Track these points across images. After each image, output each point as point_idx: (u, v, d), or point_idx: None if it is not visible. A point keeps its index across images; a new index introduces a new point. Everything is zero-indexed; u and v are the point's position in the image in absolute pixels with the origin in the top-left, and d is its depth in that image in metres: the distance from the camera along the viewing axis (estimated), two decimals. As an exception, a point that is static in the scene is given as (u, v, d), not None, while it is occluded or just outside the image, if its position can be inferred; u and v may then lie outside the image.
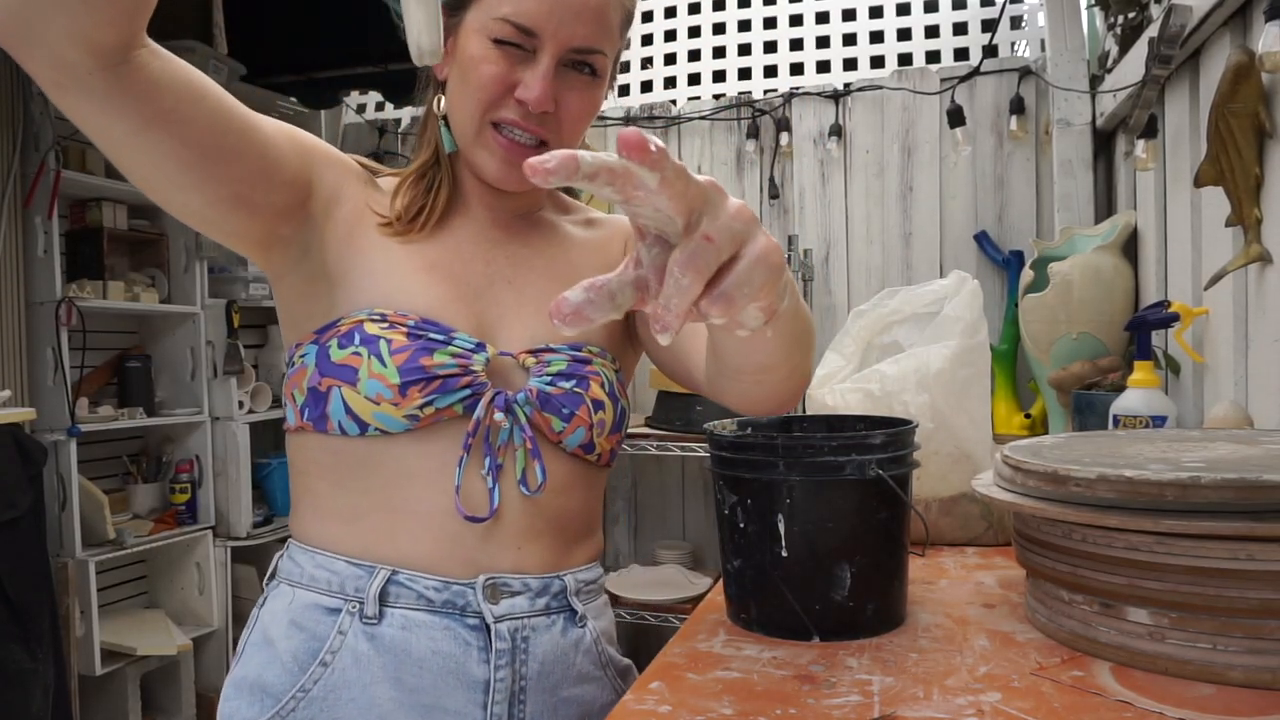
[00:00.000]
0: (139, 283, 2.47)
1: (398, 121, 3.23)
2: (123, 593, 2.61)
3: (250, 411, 2.70)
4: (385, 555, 0.75)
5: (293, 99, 3.03)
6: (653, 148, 0.40)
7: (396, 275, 0.79)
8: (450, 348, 0.76)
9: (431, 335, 0.76)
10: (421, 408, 0.74)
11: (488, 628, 0.75)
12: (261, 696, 0.74)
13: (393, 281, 0.78)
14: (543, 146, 0.79)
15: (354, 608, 0.74)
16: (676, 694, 0.72)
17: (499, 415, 0.77)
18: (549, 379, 0.80)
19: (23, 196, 2.21)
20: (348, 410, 0.74)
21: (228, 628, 2.60)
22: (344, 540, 0.76)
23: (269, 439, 3.07)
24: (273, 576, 0.81)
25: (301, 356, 0.78)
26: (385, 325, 0.75)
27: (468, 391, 0.76)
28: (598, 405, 0.81)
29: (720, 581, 0.96)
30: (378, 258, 0.79)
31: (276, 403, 2.88)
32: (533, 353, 0.81)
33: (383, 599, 0.74)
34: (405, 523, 0.76)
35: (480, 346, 0.78)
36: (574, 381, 0.80)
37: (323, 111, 3.09)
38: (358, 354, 0.74)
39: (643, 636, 2.66)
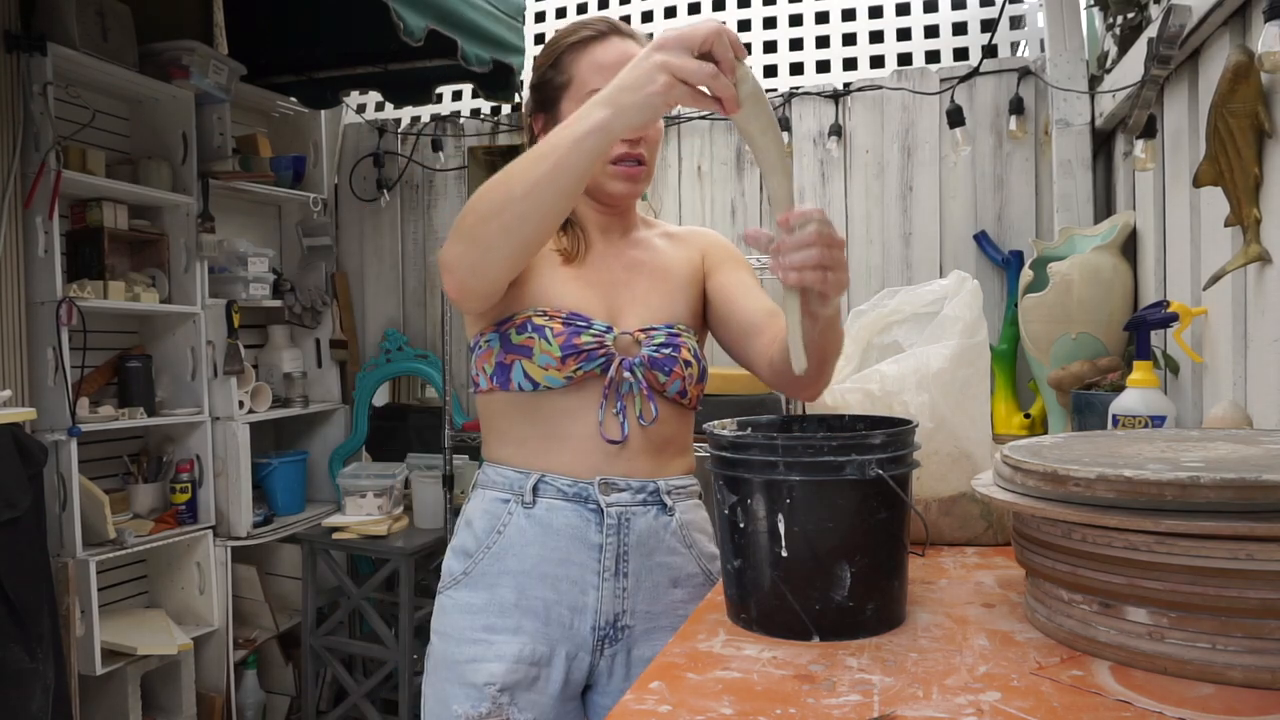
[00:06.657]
0: (139, 283, 2.46)
1: (397, 121, 3.23)
2: (123, 592, 2.60)
3: (250, 411, 2.70)
4: (539, 465, 1.12)
5: (293, 99, 3.03)
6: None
7: (554, 285, 1.14)
8: (590, 331, 1.11)
9: (578, 323, 1.11)
10: (575, 370, 1.10)
11: (601, 510, 1.10)
12: (463, 556, 1.15)
13: (552, 289, 1.14)
14: (642, 164, 1.16)
15: (517, 498, 1.12)
16: (676, 694, 0.72)
17: (626, 373, 1.12)
18: (654, 348, 1.14)
19: (23, 196, 2.20)
20: (526, 375, 1.10)
21: (228, 627, 2.60)
22: (515, 457, 1.15)
23: (269, 439, 3.07)
24: (475, 486, 1.19)
25: (487, 341, 1.14)
26: (546, 318, 1.11)
27: (604, 359, 1.11)
28: (686, 364, 1.16)
29: (720, 581, 0.96)
30: (545, 274, 1.15)
31: (277, 402, 2.88)
32: (643, 330, 1.16)
33: (535, 492, 1.12)
34: (556, 444, 1.12)
35: (609, 329, 1.13)
36: (670, 348, 1.15)
37: (323, 111, 3.09)
38: (531, 338, 1.10)
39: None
